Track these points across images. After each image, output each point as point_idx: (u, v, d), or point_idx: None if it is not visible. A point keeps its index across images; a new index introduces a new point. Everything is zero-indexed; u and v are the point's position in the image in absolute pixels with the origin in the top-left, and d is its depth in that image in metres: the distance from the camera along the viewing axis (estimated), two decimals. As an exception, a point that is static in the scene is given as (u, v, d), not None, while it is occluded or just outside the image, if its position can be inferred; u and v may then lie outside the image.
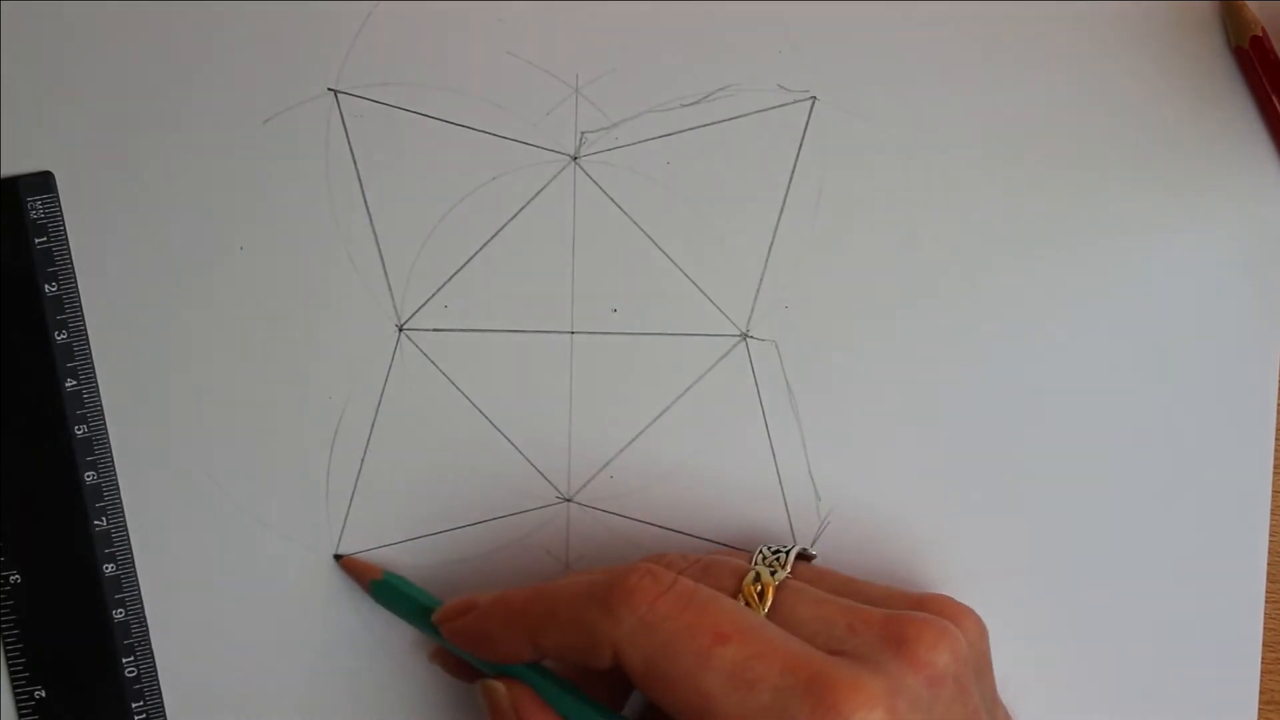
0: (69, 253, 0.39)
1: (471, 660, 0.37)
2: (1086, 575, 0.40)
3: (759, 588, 0.35)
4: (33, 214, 0.39)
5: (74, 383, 0.39)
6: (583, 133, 0.39)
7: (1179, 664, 0.40)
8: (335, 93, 0.39)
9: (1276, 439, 0.40)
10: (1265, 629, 0.40)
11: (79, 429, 0.39)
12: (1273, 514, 0.40)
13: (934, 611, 0.34)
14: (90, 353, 0.39)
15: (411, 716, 0.40)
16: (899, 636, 0.33)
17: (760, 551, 0.36)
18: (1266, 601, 0.40)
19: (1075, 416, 0.40)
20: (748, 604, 0.35)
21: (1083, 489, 0.40)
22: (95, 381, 0.39)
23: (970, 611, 0.35)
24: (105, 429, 0.39)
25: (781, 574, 0.35)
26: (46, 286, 0.39)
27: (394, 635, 0.40)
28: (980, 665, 0.35)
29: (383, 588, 0.39)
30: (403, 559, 0.40)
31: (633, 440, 0.40)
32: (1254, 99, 0.40)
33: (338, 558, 0.40)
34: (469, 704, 0.40)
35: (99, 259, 0.39)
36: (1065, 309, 0.40)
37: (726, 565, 0.36)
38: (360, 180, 0.39)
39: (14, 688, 0.39)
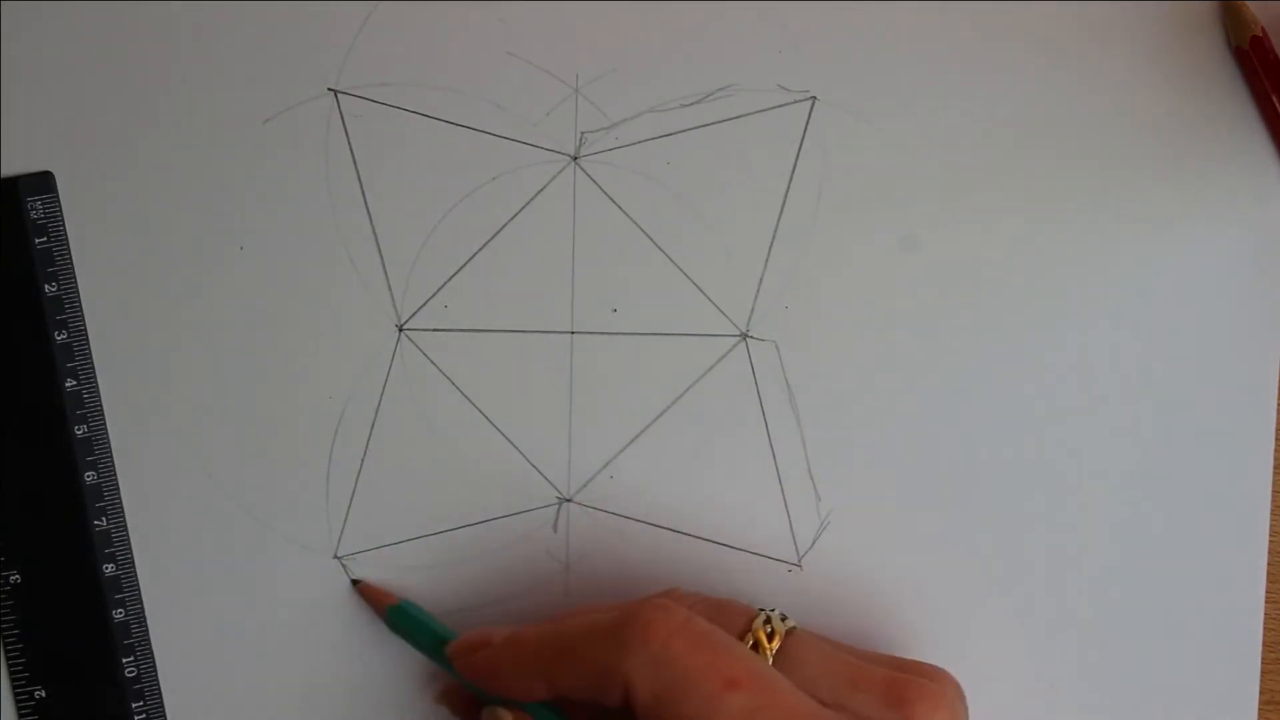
0: (69, 253, 0.39)
1: (479, 694, 0.37)
2: (1086, 575, 0.40)
3: (769, 629, 0.35)
4: (33, 214, 0.39)
5: (74, 383, 0.39)
6: (583, 133, 0.39)
7: (1179, 664, 0.40)
8: (335, 93, 0.39)
9: (1276, 439, 0.40)
10: (1265, 629, 0.40)
11: (79, 429, 0.39)
12: (1273, 514, 0.40)
13: (919, 676, 0.35)
14: (90, 353, 0.39)
15: (411, 716, 0.40)
16: (901, 698, 0.34)
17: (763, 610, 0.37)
18: (1266, 601, 0.40)
19: (1075, 416, 0.40)
20: (755, 646, 0.35)
21: (1082, 488, 0.40)
22: (95, 381, 0.39)
23: (953, 679, 0.35)
24: (105, 429, 0.39)
25: (791, 621, 0.36)
26: (46, 286, 0.39)
27: (394, 635, 0.40)
28: None
29: (399, 615, 0.39)
30: (403, 559, 0.40)
31: (633, 440, 0.40)
32: (1254, 99, 0.40)
33: (355, 583, 0.40)
34: (469, 704, 0.40)
35: (99, 259, 0.39)
36: (1065, 309, 0.40)
37: (736, 606, 0.36)
38: (360, 180, 0.39)
39: (14, 688, 0.39)
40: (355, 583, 0.40)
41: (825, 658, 0.35)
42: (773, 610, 0.36)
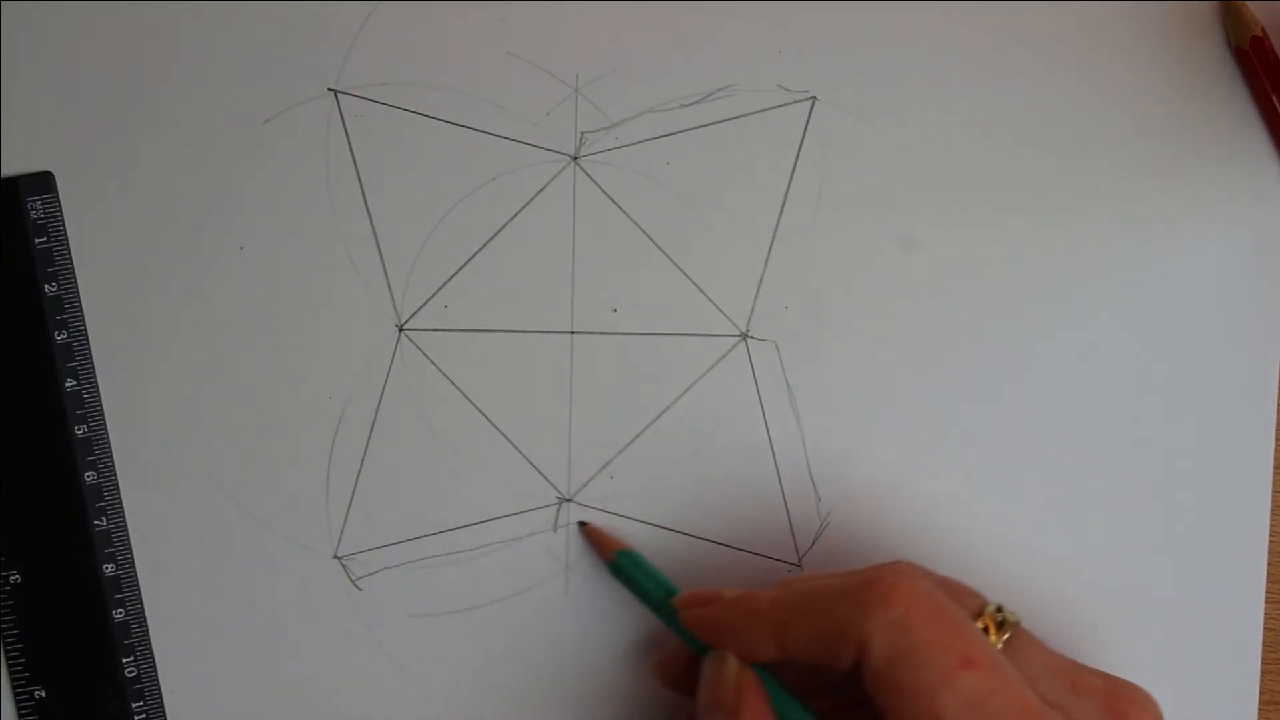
0: (69, 253, 0.39)
1: (700, 650, 0.36)
2: (1086, 575, 0.40)
3: (999, 618, 0.35)
4: (33, 214, 0.39)
5: (74, 383, 0.39)
6: (583, 133, 0.39)
7: (1179, 664, 0.40)
8: (335, 93, 0.39)
9: (1276, 439, 0.40)
10: (1265, 629, 0.40)
11: (79, 429, 0.39)
12: (1273, 514, 0.40)
13: (1127, 694, 0.35)
14: (90, 353, 0.39)
15: (410, 716, 0.40)
16: (1118, 710, 0.34)
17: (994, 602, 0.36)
18: (1266, 601, 0.40)
19: (1075, 416, 0.40)
20: (985, 631, 0.35)
21: (1083, 488, 0.40)
22: (95, 381, 0.39)
23: (1156, 701, 0.35)
24: (105, 429, 0.39)
25: (1016, 617, 0.35)
26: (46, 286, 0.39)
27: (394, 635, 0.40)
28: None
29: (627, 561, 0.39)
30: (403, 559, 0.40)
31: (633, 440, 0.40)
32: (1254, 99, 0.40)
33: (581, 525, 0.40)
34: (470, 705, 0.40)
35: (99, 259, 0.39)
36: (1065, 308, 0.40)
37: (968, 590, 0.36)
38: (360, 180, 0.39)
39: (14, 688, 0.39)
40: (582, 525, 0.40)
41: (1048, 658, 0.35)
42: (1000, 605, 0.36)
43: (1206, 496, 0.40)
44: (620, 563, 0.39)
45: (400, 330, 0.40)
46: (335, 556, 0.40)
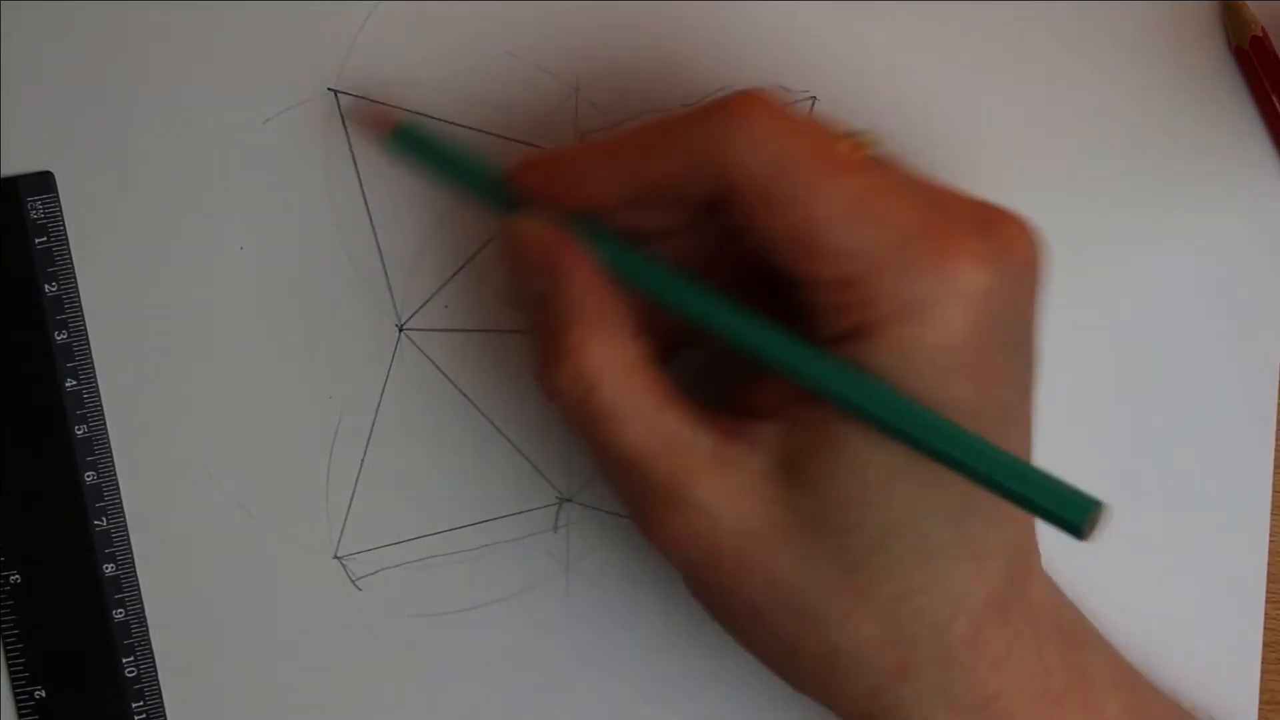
0: (69, 253, 0.39)
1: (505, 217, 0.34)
2: (1086, 574, 0.40)
3: (854, 142, 0.33)
4: (33, 214, 0.39)
5: (74, 383, 0.39)
6: (583, 133, 0.39)
7: (1179, 664, 0.40)
8: (335, 93, 0.39)
9: (1276, 439, 0.40)
10: (1265, 629, 0.40)
11: (79, 429, 0.39)
12: (1273, 514, 0.40)
13: (1000, 212, 0.33)
14: (90, 353, 0.39)
15: (411, 716, 0.40)
16: (992, 219, 0.32)
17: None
18: (1266, 601, 0.40)
19: (1075, 416, 0.40)
20: None
21: (1082, 488, 0.40)
22: (95, 381, 0.39)
23: (1026, 221, 0.33)
24: (105, 429, 0.39)
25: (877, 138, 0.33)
26: (46, 286, 0.39)
27: (394, 635, 0.40)
28: (1040, 279, 0.34)
29: (405, 137, 0.36)
30: (403, 559, 0.40)
31: (633, 440, 0.40)
32: (1254, 99, 0.40)
33: (333, 91, 0.37)
34: (470, 705, 0.40)
35: (99, 259, 0.39)
36: (1064, 308, 0.40)
37: (819, 120, 0.33)
38: (360, 180, 0.39)
39: (14, 688, 0.39)
40: (347, 104, 0.37)
41: (913, 177, 0.33)
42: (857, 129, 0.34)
43: (1206, 496, 0.40)
44: (400, 141, 0.36)
45: (400, 330, 0.40)
46: (335, 556, 0.40)
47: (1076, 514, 0.30)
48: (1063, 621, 0.35)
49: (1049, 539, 0.40)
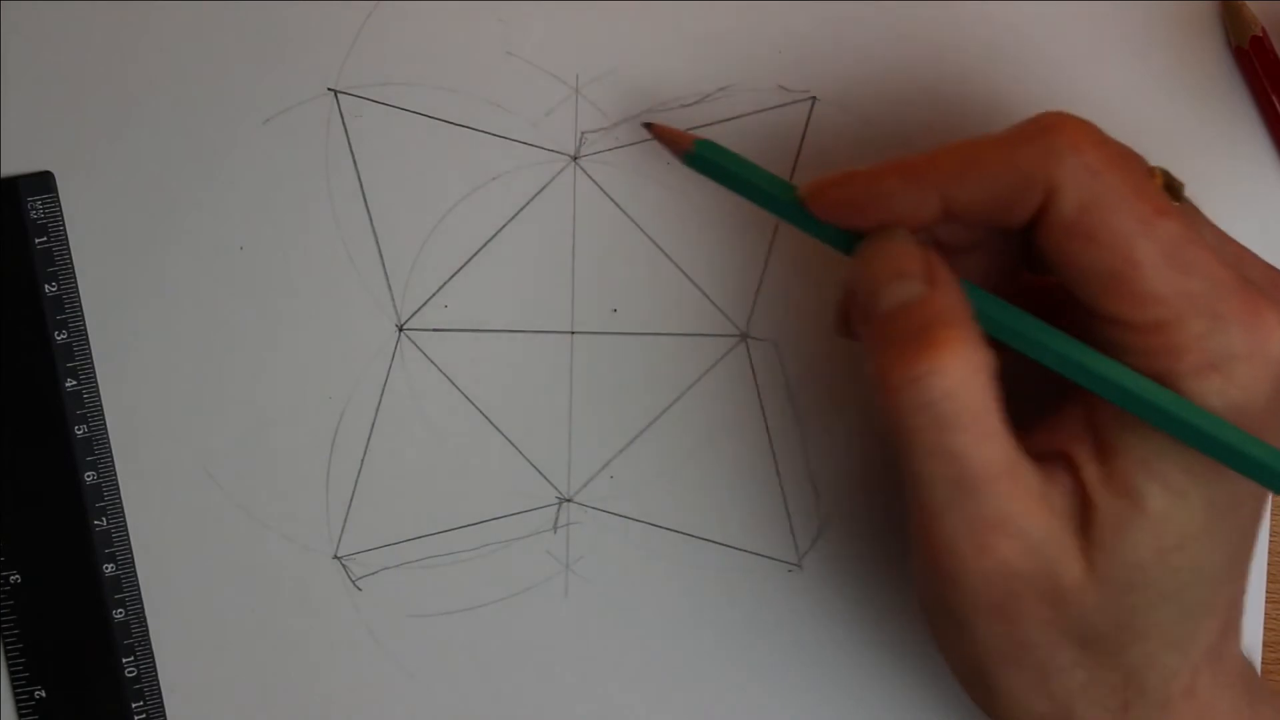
0: (69, 253, 0.39)
1: (826, 237, 0.34)
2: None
3: (1168, 182, 0.32)
4: (33, 214, 0.39)
5: (74, 383, 0.39)
6: (583, 133, 0.39)
7: (1179, 664, 0.40)
8: (335, 93, 0.39)
9: (1276, 439, 0.40)
10: (1265, 629, 0.40)
11: (79, 429, 0.39)
12: (1273, 514, 0.40)
13: None
14: (90, 353, 0.39)
15: (411, 716, 0.40)
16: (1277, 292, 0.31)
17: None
18: (1267, 601, 0.40)
19: (1075, 416, 0.40)
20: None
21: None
22: (95, 381, 0.39)
23: None
24: (105, 429, 0.39)
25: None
26: (46, 286, 0.39)
27: (394, 635, 0.40)
28: None
29: (709, 151, 0.35)
30: (403, 559, 0.40)
31: (633, 440, 0.40)
32: (1254, 99, 0.40)
33: (648, 126, 0.37)
34: (470, 705, 0.40)
35: (99, 259, 0.39)
36: (1065, 309, 0.40)
37: (1134, 154, 0.32)
38: (360, 180, 0.39)
39: (14, 688, 0.39)
40: (648, 126, 0.37)
41: (1215, 230, 0.32)
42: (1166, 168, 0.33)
43: (1206, 496, 0.40)
44: (704, 153, 0.35)
45: (400, 330, 0.40)
46: (335, 556, 0.40)
47: None
48: (1249, 675, 0.35)
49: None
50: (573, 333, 0.40)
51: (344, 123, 0.39)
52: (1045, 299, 0.33)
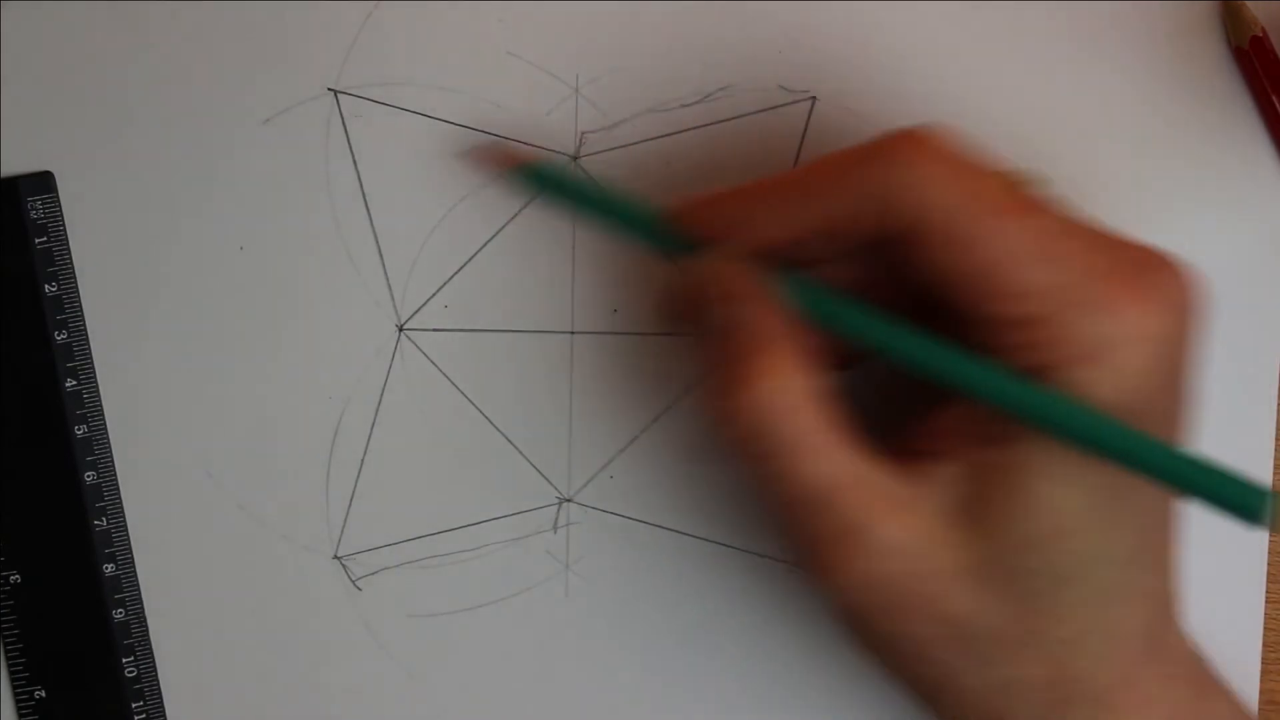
0: (69, 253, 0.39)
1: (679, 252, 0.34)
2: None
3: (1024, 179, 0.33)
4: (33, 214, 0.39)
5: (74, 383, 0.39)
6: (583, 133, 0.39)
7: (1179, 664, 0.40)
8: (335, 93, 0.39)
9: (1276, 439, 0.40)
10: (1265, 629, 0.40)
11: (79, 429, 0.39)
12: (1273, 514, 0.40)
13: (1160, 258, 0.33)
14: (90, 353, 0.39)
15: (411, 716, 0.40)
16: (1161, 262, 0.32)
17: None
18: (1266, 601, 0.40)
19: (1075, 416, 0.40)
20: None
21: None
22: (95, 381, 0.39)
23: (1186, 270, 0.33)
24: (105, 429, 0.39)
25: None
26: (46, 286, 0.39)
27: (394, 635, 0.40)
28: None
29: (548, 171, 0.35)
30: (403, 559, 0.40)
31: (633, 440, 0.40)
32: (1254, 99, 0.40)
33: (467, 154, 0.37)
34: (470, 705, 0.40)
35: (99, 259, 0.39)
36: (1065, 309, 0.40)
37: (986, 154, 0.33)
38: (360, 180, 0.39)
39: (14, 688, 0.39)
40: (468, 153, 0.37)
41: (1082, 220, 0.33)
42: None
43: (1206, 496, 0.40)
44: (540, 177, 0.35)
45: (400, 330, 0.40)
46: (335, 556, 0.40)
47: (1259, 504, 0.30)
48: (1196, 667, 0.35)
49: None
50: (573, 333, 0.40)
51: (344, 123, 0.39)
52: (928, 303, 0.33)
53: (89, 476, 0.39)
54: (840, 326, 0.33)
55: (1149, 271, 0.32)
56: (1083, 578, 0.32)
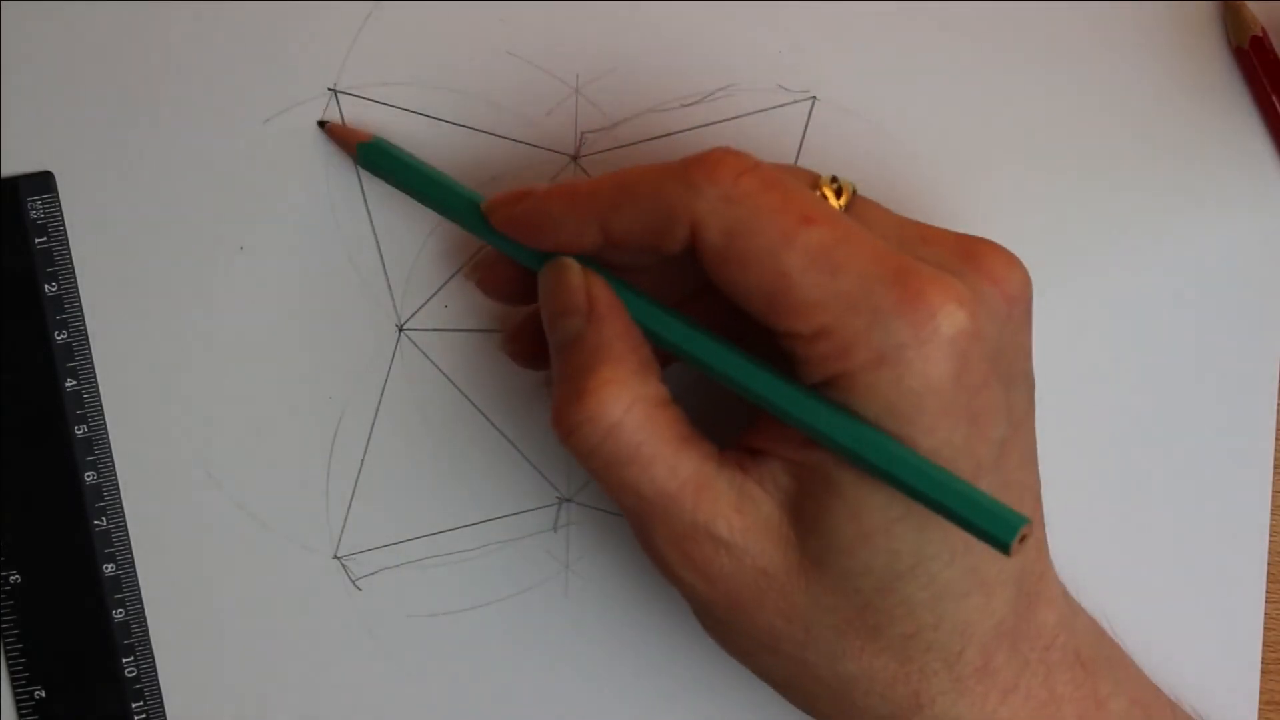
0: (69, 253, 0.39)
1: (513, 253, 0.35)
2: (1086, 574, 0.40)
3: (836, 187, 0.34)
4: (33, 214, 0.39)
5: (74, 383, 0.39)
6: (583, 133, 0.39)
7: (1179, 665, 0.40)
8: (335, 93, 0.39)
9: (1276, 439, 0.40)
10: (1265, 629, 0.40)
11: (79, 429, 0.39)
12: (1273, 514, 0.40)
13: (982, 244, 0.33)
14: (90, 353, 0.39)
15: (411, 716, 0.40)
16: (975, 252, 0.33)
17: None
18: (1266, 601, 0.40)
19: (1075, 416, 0.40)
20: (823, 199, 0.34)
21: (1082, 488, 0.40)
22: (95, 381, 0.39)
23: (1009, 251, 0.34)
24: (105, 429, 0.39)
25: (854, 185, 0.34)
26: (46, 286, 0.39)
27: (394, 635, 0.40)
28: (1030, 307, 0.34)
29: (375, 153, 0.36)
30: (403, 559, 0.40)
31: (633, 440, 0.40)
32: (1254, 99, 0.40)
33: (321, 124, 0.38)
34: (470, 705, 0.40)
35: (99, 259, 0.39)
36: (1064, 308, 0.40)
37: (800, 169, 0.35)
38: (360, 180, 0.39)
39: (14, 688, 0.39)
40: (322, 124, 0.38)
41: (893, 218, 0.34)
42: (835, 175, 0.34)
43: (1206, 496, 0.40)
44: (369, 156, 0.36)
45: (400, 330, 0.40)
46: (335, 556, 0.40)
47: (1006, 531, 0.30)
48: (1080, 648, 0.35)
49: (1049, 538, 0.40)
50: (573, 333, 0.40)
51: (344, 123, 0.39)
52: (735, 317, 0.34)
53: (89, 476, 0.39)
54: (649, 330, 0.34)
55: (957, 264, 0.32)
56: (911, 575, 0.32)
